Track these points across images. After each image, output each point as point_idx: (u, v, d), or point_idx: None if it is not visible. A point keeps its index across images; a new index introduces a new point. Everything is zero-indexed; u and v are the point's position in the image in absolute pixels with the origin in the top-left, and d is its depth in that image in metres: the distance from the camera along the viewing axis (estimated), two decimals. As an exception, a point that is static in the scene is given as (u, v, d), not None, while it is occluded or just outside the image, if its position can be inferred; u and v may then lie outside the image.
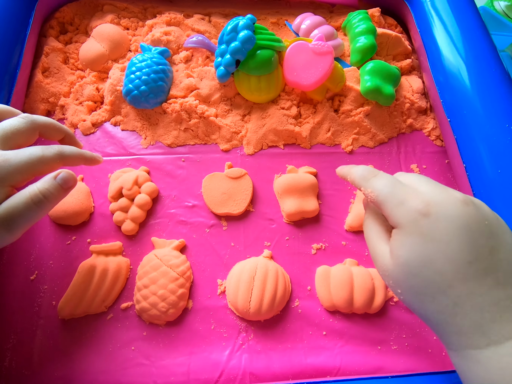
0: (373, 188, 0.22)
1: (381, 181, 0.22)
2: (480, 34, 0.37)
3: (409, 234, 0.20)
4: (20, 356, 0.28)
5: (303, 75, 0.36)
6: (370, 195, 0.22)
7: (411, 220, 0.20)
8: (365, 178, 0.23)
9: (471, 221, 0.19)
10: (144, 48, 0.38)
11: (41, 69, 0.38)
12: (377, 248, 0.22)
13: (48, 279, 0.31)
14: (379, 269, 0.22)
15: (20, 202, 0.22)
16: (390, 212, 0.21)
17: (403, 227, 0.20)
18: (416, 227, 0.20)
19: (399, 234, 0.20)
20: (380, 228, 0.23)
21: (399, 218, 0.20)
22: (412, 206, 0.20)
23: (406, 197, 0.20)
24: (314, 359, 0.30)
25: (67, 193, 0.25)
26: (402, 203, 0.20)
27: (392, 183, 0.22)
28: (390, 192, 0.21)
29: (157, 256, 0.31)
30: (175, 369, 0.29)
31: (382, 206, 0.21)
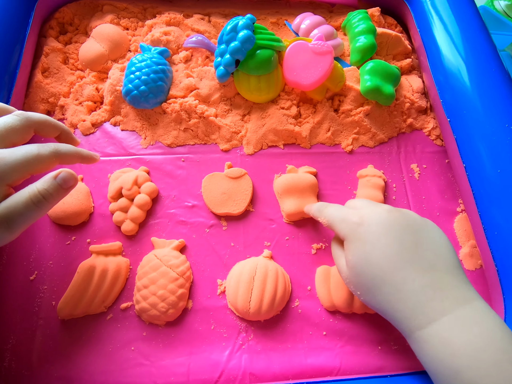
0: (325, 216, 0.28)
1: (329, 209, 0.28)
2: (480, 33, 0.37)
3: (352, 241, 0.25)
4: (20, 356, 0.28)
5: (303, 75, 0.36)
6: (323, 222, 0.28)
7: (351, 230, 0.25)
8: (319, 210, 0.29)
9: (394, 222, 0.24)
10: (143, 48, 0.38)
11: (40, 69, 0.38)
12: (339, 262, 0.27)
13: (47, 279, 0.31)
14: (343, 280, 0.27)
15: (20, 202, 0.22)
16: (337, 229, 0.26)
17: (347, 238, 0.25)
18: (355, 235, 0.25)
19: (346, 244, 0.26)
20: (340, 247, 0.27)
21: (343, 231, 0.26)
22: (351, 220, 0.25)
23: (347, 215, 0.26)
24: (314, 359, 0.29)
25: (67, 193, 0.25)
26: (344, 220, 0.26)
27: (337, 208, 0.28)
28: (336, 215, 0.27)
29: (156, 256, 0.31)
30: (175, 370, 0.29)
31: (332, 227, 0.27)
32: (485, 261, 0.31)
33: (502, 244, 0.29)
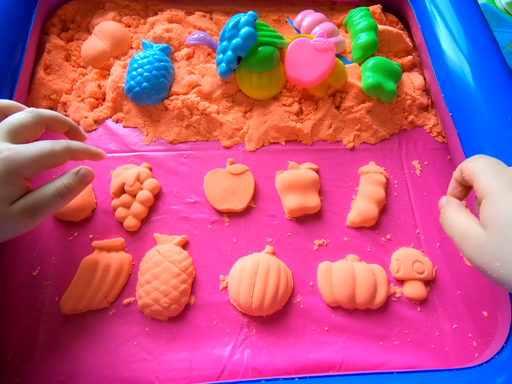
0: (474, 162, 0.23)
1: (483, 158, 0.23)
2: (482, 30, 0.37)
3: (500, 198, 0.20)
4: (23, 351, 0.29)
5: (304, 72, 0.36)
6: (468, 169, 0.23)
7: (501, 186, 0.21)
8: (469, 160, 0.24)
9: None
10: (145, 45, 0.39)
11: (43, 66, 0.38)
12: (468, 231, 0.22)
13: (50, 274, 0.31)
14: (470, 250, 0.22)
15: (48, 193, 0.25)
16: (483, 180, 0.22)
17: (494, 194, 0.21)
18: (506, 192, 0.20)
19: (490, 201, 0.21)
20: (466, 214, 0.23)
21: (492, 185, 0.21)
22: (503, 175, 0.21)
23: (503, 171, 0.22)
24: (316, 354, 0.29)
25: (85, 187, 0.28)
26: (498, 175, 0.21)
27: (493, 161, 0.23)
28: (489, 166, 0.22)
29: (159, 252, 0.31)
30: (178, 365, 0.29)
31: (476, 177, 0.22)
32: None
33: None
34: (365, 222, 0.34)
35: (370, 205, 0.34)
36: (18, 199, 0.24)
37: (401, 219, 0.35)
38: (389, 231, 0.35)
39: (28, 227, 0.25)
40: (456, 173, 0.26)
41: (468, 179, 0.23)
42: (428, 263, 0.33)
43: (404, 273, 0.32)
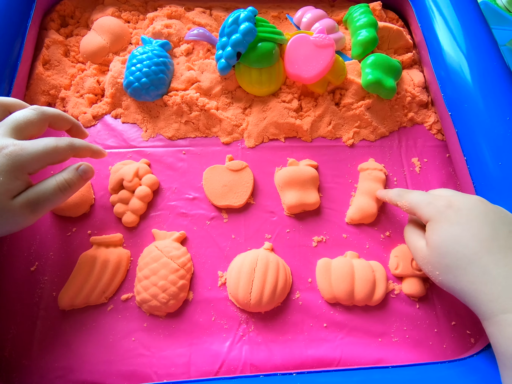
0: (407, 199, 0.28)
1: (413, 193, 0.28)
2: (481, 28, 0.37)
3: (438, 222, 0.25)
4: (20, 346, 0.28)
5: (304, 68, 0.36)
6: (404, 205, 0.28)
7: (438, 212, 0.25)
8: (400, 195, 0.29)
9: (488, 210, 0.24)
10: (145, 41, 0.38)
11: (41, 61, 0.38)
12: (417, 244, 0.27)
13: (48, 270, 0.31)
14: (419, 260, 0.27)
15: (49, 188, 0.25)
16: (422, 211, 0.26)
17: (433, 219, 0.25)
18: (443, 216, 0.25)
19: (430, 225, 0.25)
20: (417, 230, 0.28)
21: (429, 213, 0.26)
22: (438, 203, 0.25)
23: (433, 199, 0.26)
24: (314, 350, 0.29)
25: (85, 183, 0.28)
26: (431, 203, 0.26)
27: (421, 193, 0.28)
28: (421, 198, 0.27)
29: (157, 247, 0.31)
30: (176, 360, 0.29)
31: (415, 210, 0.27)
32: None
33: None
34: (364, 219, 0.34)
35: (369, 202, 0.34)
36: (19, 194, 0.24)
37: (400, 216, 0.35)
38: (388, 228, 0.35)
39: (28, 222, 0.25)
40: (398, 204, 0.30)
41: (409, 211, 0.28)
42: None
43: (403, 270, 0.32)
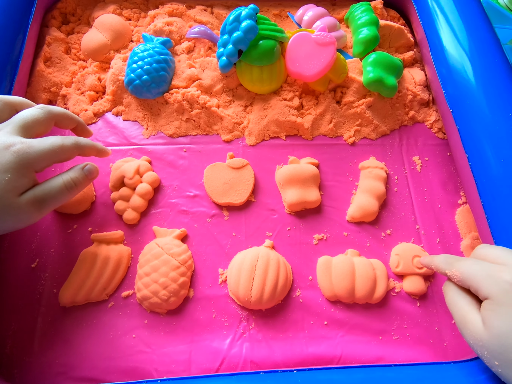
0: (458, 269, 0.23)
1: (465, 262, 0.23)
2: (483, 26, 0.37)
3: (502, 304, 0.20)
4: (21, 343, 0.28)
5: (305, 66, 0.36)
6: (455, 275, 0.23)
7: (502, 290, 0.20)
8: (448, 262, 0.25)
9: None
10: (146, 38, 0.38)
11: (43, 58, 0.38)
12: (468, 317, 0.22)
13: (49, 267, 0.31)
14: (469, 337, 0.22)
15: (55, 186, 0.26)
16: (479, 285, 0.22)
17: (495, 298, 0.21)
18: (508, 297, 0.20)
19: (491, 304, 0.21)
20: (468, 297, 0.23)
21: (489, 289, 0.21)
22: (502, 278, 0.21)
23: (494, 270, 0.21)
24: (315, 348, 0.29)
25: (90, 183, 0.29)
26: (491, 276, 0.21)
27: (476, 261, 0.23)
28: (477, 269, 0.22)
29: (158, 244, 0.31)
30: (176, 357, 0.29)
31: (470, 282, 0.22)
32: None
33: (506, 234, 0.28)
34: (365, 217, 0.34)
35: (370, 200, 0.34)
36: (26, 191, 0.24)
37: (401, 214, 0.35)
38: (389, 226, 0.35)
39: (33, 219, 0.25)
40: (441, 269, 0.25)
41: (461, 282, 0.23)
42: (428, 258, 0.33)
43: (404, 268, 0.32)
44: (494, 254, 0.23)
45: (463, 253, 0.34)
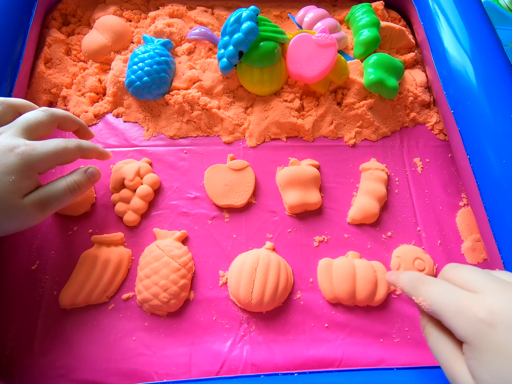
0: (425, 297, 0.20)
1: (432, 288, 0.20)
2: (484, 27, 0.36)
3: (483, 351, 0.17)
4: (21, 345, 0.28)
5: (306, 67, 0.36)
6: (422, 304, 0.20)
7: (477, 333, 0.17)
8: (414, 286, 0.22)
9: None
10: (146, 40, 0.38)
11: (43, 60, 0.38)
12: (455, 369, 0.19)
13: (49, 269, 0.31)
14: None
15: (59, 188, 0.26)
16: (450, 323, 0.19)
17: (472, 343, 0.18)
18: (487, 342, 0.17)
19: (472, 352, 0.18)
20: (446, 339, 0.20)
21: (462, 331, 0.18)
22: (473, 315, 0.18)
23: (464, 303, 0.18)
24: (316, 351, 0.29)
25: (92, 185, 0.30)
26: (460, 312, 0.18)
27: (444, 288, 0.20)
28: (445, 301, 0.19)
29: (158, 246, 0.31)
30: (177, 360, 0.29)
31: (441, 318, 0.19)
32: (490, 253, 0.31)
33: (508, 235, 0.28)
34: (366, 219, 0.34)
35: (371, 202, 0.34)
36: (29, 193, 0.25)
37: (402, 216, 0.35)
38: (390, 228, 0.34)
39: (36, 220, 0.25)
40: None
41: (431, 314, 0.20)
42: (429, 260, 0.32)
43: (405, 270, 0.32)
44: (462, 278, 0.20)
45: (464, 255, 0.34)
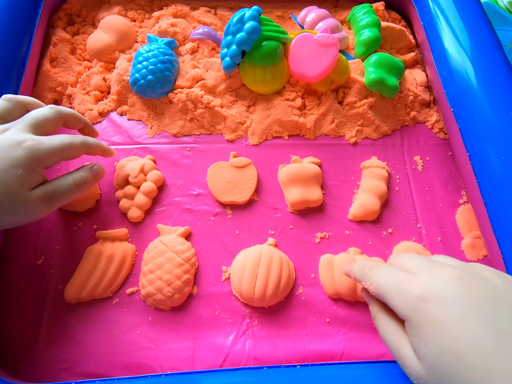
0: (371, 281, 0.22)
1: (378, 272, 0.22)
2: (484, 27, 0.37)
3: (421, 326, 0.18)
4: (27, 339, 0.29)
5: (308, 67, 0.36)
6: (370, 288, 0.22)
7: (413, 309, 0.19)
8: (363, 272, 0.23)
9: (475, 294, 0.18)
10: (151, 39, 0.39)
11: (49, 59, 0.38)
12: (402, 352, 0.20)
13: (54, 264, 0.31)
14: (408, 374, 0.20)
15: (66, 183, 0.27)
16: (392, 303, 0.20)
17: (411, 320, 0.19)
18: (422, 316, 0.18)
19: (411, 328, 0.19)
20: (394, 324, 0.21)
21: (401, 309, 0.19)
22: (410, 292, 0.19)
23: (403, 282, 0.20)
24: (317, 345, 0.30)
25: (96, 182, 0.31)
26: (400, 291, 0.20)
27: (386, 271, 0.22)
28: (388, 281, 0.21)
29: (162, 242, 0.31)
30: (180, 353, 0.29)
31: (384, 299, 0.21)
32: (490, 249, 0.31)
33: (508, 231, 0.29)
34: (367, 216, 0.34)
35: (372, 199, 0.35)
36: (37, 187, 0.25)
37: (403, 213, 0.35)
38: (390, 225, 0.35)
39: (43, 214, 0.26)
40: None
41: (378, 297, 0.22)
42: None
43: (405, 266, 0.32)
44: (404, 262, 0.22)
45: (464, 252, 0.34)
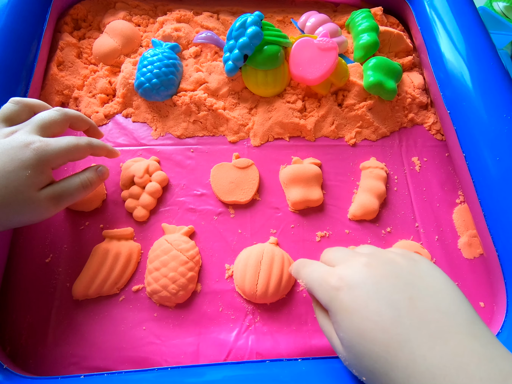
0: (302, 278, 0.24)
1: (306, 269, 0.24)
2: (479, 32, 0.38)
3: (336, 313, 0.20)
4: (36, 334, 0.30)
5: (308, 70, 0.37)
6: (302, 285, 0.24)
7: (331, 299, 0.20)
8: (297, 270, 0.25)
9: (378, 278, 0.20)
10: (155, 43, 0.40)
11: (56, 62, 0.39)
12: (332, 339, 0.22)
13: (62, 261, 0.32)
14: (341, 359, 0.21)
15: (73, 184, 0.28)
16: (317, 296, 0.22)
17: (330, 308, 0.21)
18: (337, 304, 0.20)
19: (332, 317, 0.21)
20: (325, 315, 0.22)
21: (323, 300, 0.21)
22: (329, 283, 0.21)
23: (324, 275, 0.22)
24: (318, 340, 0.30)
25: (101, 183, 0.32)
26: (321, 284, 0.21)
27: (314, 268, 0.23)
28: (314, 276, 0.22)
29: (167, 240, 0.32)
30: (185, 349, 0.30)
31: (312, 292, 0.23)
32: (486, 248, 0.32)
33: (502, 230, 0.30)
34: (366, 215, 0.35)
35: (371, 198, 0.35)
36: (45, 187, 0.26)
37: (401, 212, 0.36)
38: (389, 224, 0.36)
39: (50, 213, 0.27)
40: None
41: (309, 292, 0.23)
42: (427, 255, 0.34)
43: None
44: (329, 257, 0.23)
45: (460, 250, 0.35)
